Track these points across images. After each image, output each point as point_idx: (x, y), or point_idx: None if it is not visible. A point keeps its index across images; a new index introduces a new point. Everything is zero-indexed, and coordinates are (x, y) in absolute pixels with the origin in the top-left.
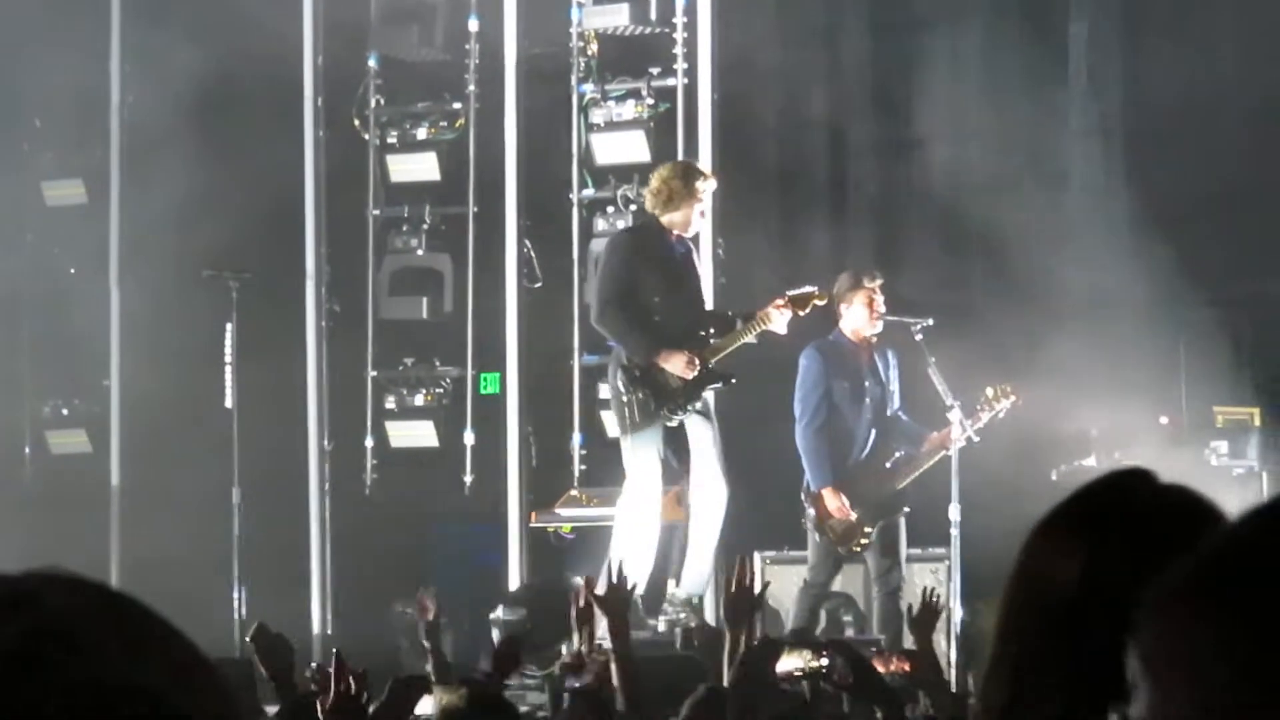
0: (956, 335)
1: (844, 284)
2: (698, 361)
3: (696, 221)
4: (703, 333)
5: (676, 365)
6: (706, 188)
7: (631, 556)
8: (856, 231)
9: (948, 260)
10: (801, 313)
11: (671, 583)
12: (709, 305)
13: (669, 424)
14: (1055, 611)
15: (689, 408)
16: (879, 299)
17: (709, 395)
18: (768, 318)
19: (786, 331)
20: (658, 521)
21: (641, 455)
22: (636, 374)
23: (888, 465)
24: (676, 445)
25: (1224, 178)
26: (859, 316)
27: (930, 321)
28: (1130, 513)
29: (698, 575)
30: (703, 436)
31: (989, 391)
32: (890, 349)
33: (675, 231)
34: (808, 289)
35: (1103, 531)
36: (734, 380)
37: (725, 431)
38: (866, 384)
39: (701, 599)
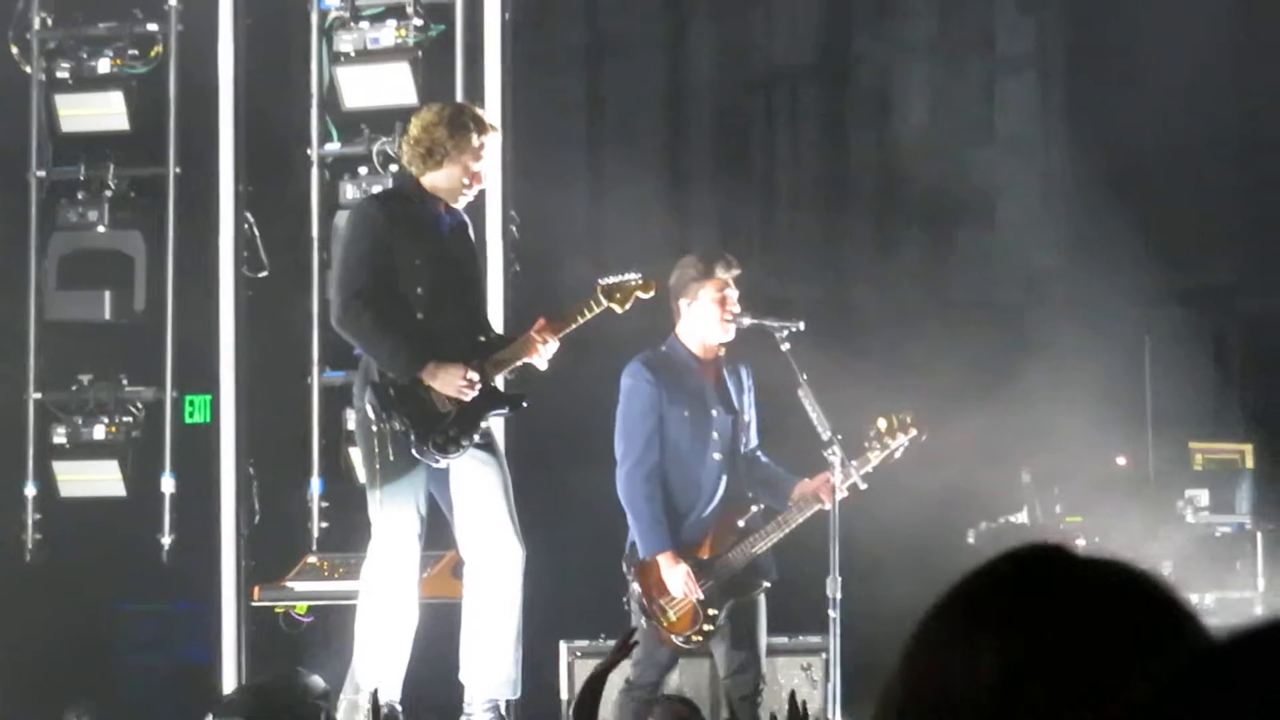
0: (838, 344)
1: (684, 273)
2: (477, 377)
3: (468, 187)
4: (483, 338)
5: (448, 382)
6: (485, 140)
7: (380, 654)
8: (702, 201)
9: (827, 241)
10: (620, 309)
11: (468, 688)
12: (491, 302)
13: (436, 464)
14: None
15: (464, 442)
16: (733, 294)
17: (493, 424)
18: (528, 346)
19: (547, 362)
20: (414, 601)
21: (393, 510)
22: (391, 394)
23: (742, 523)
24: (448, 494)
25: (1206, 124)
26: (705, 318)
27: (801, 325)
28: (1035, 605)
29: (500, 673)
30: (485, 482)
31: (881, 423)
32: (745, 364)
33: (443, 200)
34: (626, 277)
35: (997, 630)
36: (527, 404)
37: (516, 475)
38: (714, 412)
39: (510, 706)
